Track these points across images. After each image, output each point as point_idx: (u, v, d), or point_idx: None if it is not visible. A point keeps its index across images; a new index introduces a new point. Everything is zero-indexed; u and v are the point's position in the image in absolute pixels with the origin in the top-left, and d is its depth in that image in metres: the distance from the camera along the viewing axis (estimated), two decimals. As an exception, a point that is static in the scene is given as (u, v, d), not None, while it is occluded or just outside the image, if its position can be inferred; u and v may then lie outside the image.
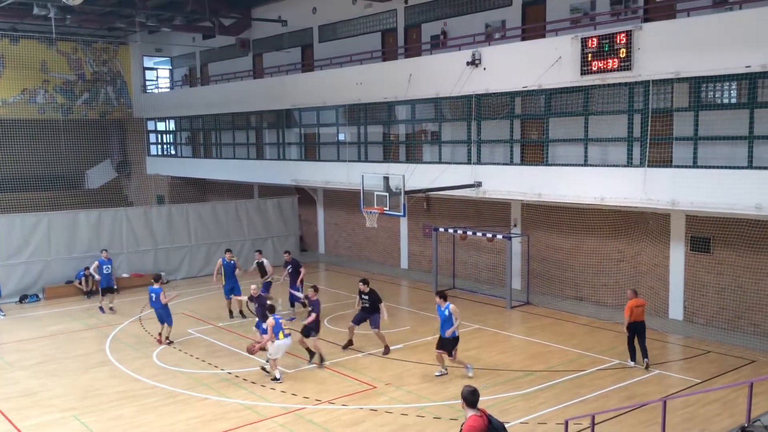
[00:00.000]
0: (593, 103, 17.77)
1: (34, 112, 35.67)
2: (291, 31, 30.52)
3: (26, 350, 17.14)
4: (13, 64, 34.79)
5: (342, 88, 24.69)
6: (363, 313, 16.57)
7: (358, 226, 27.21)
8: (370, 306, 16.38)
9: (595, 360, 15.52)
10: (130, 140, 39.54)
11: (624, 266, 19.45)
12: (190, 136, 35.87)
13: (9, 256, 22.23)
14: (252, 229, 27.59)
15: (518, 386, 13.99)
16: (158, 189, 38.37)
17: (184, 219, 26.09)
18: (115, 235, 24.39)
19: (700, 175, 15.52)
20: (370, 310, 16.40)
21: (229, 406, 13.22)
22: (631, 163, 16.90)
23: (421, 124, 23.25)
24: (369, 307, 16.41)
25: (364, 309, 16.53)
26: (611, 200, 17.36)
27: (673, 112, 16.38)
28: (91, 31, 36.26)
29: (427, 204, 24.78)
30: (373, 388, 14.05)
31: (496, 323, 18.81)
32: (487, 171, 20.04)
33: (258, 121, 30.69)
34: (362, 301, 16.51)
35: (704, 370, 14.79)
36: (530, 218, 21.61)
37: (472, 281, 23.48)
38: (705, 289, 17.81)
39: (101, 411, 13.12)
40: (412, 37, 25.20)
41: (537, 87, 18.42)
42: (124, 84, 38.75)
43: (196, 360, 16.07)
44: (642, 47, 16.19)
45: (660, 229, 18.43)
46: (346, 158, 24.92)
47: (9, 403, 13.60)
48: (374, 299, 16.37)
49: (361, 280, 16.71)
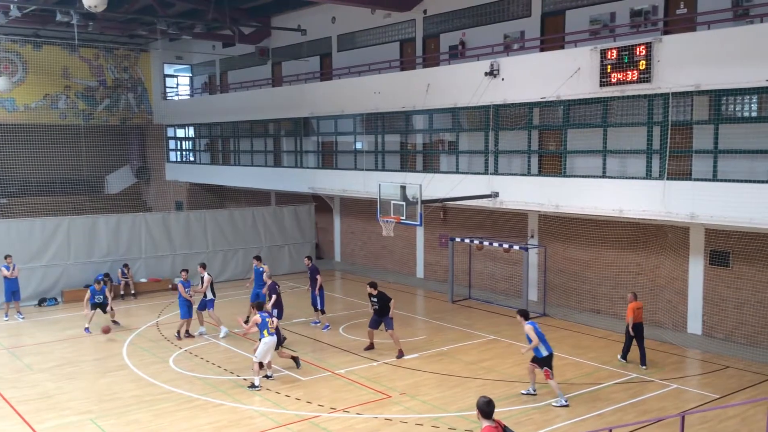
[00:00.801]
0: (612, 115, 17.71)
1: (56, 118, 36.11)
2: (310, 40, 30.70)
3: (44, 353, 17.30)
4: (35, 70, 35.26)
5: (360, 97, 24.78)
6: (376, 315, 16.89)
7: (375, 234, 27.23)
8: (381, 308, 16.72)
9: (612, 373, 15.41)
10: (149, 146, 39.89)
11: (642, 279, 19.32)
12: (208, 143, 36.14)
13: (29, 259, 22.46)
14: (268, 236, 27.71)
15: (534, 398, 13.91)
16: (177, 195, 38.65)
17: (202, 225, 26.27)
18: (134, 240, 24.61)
19: (720, 188, 15.39)
20: (382, 312, 16.73)
21: (245, 413, 13.26)
22: (650, 176, 16.81)
23: (439, 134, 23.27)
24: (380, 309, 16.74)
25: (375, 311, 16.87)
26: (630, 212, 17.26)
27: (692, 125, 16.29)
28: (113, 38, 36.67)
29: (444, 213, 24.77)
30: (387, 397, 14.04)
31: (512, 334, 18.71)
32: (505, 181, 20.01)
33: (276, 128, 30.86)
34: (372, 303, 16.88)
35: (723, 385, 14.64)
36: (547, 229, 21.54)
37: (488, 292, 23.41)
38: (724, 303, 17.65)
39: (118, 415, 13.21)
40: (430, 47, 25.26)
41: (555, 98, 18.40)
42: (145, 91, 39.13)
43: (212, 365, 16.14)
44: (662, 59, 16.13)
45: (679, 242, 18.30)
46: (363, 167, 24.98)
47: (27, 405, 13.73)
48: (383, 300, 16.70)
49: (369, 283, 17.08)
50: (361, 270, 28.28)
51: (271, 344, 14.87)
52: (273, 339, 14.87)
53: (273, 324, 15.05)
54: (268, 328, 14.78)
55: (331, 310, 21.18)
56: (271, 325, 14.93)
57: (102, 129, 37.41)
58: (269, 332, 14.79)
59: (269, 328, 14.82)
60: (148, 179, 40.46)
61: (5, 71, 34.43)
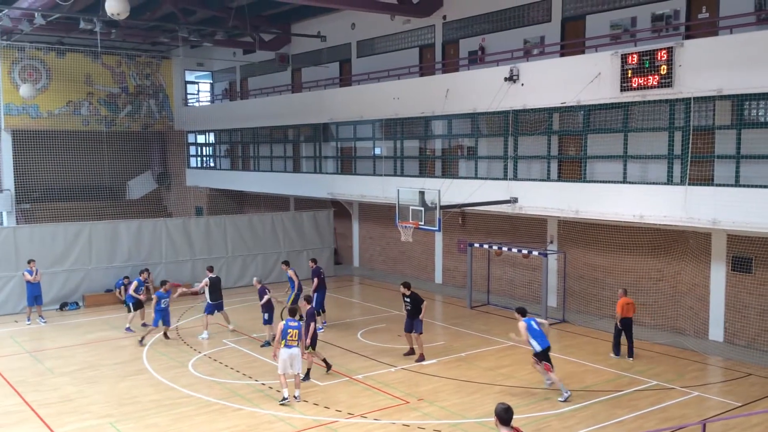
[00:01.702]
0: (633, 120, 17.58)
1: (79, 124, 36.52)
2: (330, 47, 30.83)
3: (66, 357, 17.48)
4: (59, 77, 35.70)
5: (379, 102, 24.82)
6: (408, 318, 16.86)
7: (393, 240, 27.22)
8: (413, 308, 16.68)
9: (632, 380, 15.26)
10: (170, 152, 40.25)
11: (663, 286, 19.13)
12: (228, 149, 36.39)
13: (51, 264, 22.71)
14: (287, 242, 27.80)
15: (553, 405, 13.81)
16: (197, 200, 38.94)
17: (222, 230, 26.42)
18: (155, 245, 24.80)
19: (742, 194, 15.22)
20: (413, 313, 16.71)
21: (263, 417, 13.29)
22: (672, 181, 16.66)
23: (458, 139, 23.24)
24: (412, 310, 16.72)
25: (408, 312, 16.84)
26: (651, 218, 17.11)
27: (714, 130, 16.12)
28: (135, 45, 37.10)
29: (463, 219, 24.71)
30: (405, 403, 14.00)
31: (531, 341, 18.60)
32: (524, 187, 19.92)
33: (295, 134, 30.99)
34: (405, 304, 16.89)
35: (745, 393, 14.43)
36: (567, 235, 21.41)
37: (507, 297, 23.30)
38: (746, 310, 17.42)
39: (137, 418, 13.29)
40: (449, 53, 25.26)
41: (575, 103, 18.30)
42: (166, 97, 39.48)
43: (231, 370, 16.20)
44: (683, 64, 15.99)
45: (700, 248, 18.10)
46: (382, 172, 24.99)
47: (48, 408, 13.86)
48: (416, 301, 16.66)
49: (402, 283, 17.06)
50: (380, 275, 28.26)
51: (285, 357, 13.70)
52: (287, 352, 13.69)
53: (293, 336, 13.78)
54: (286, 339, 13.72)
55: (349, 315, 21.21)
56: (291, 337, 13.74)
57: (124, 135, 37.81)
58: (286, 344, 13.74)
59: (288, 340, 13.73)
60: (169, 185, 40.80)
61: (29, 78, 34.90)
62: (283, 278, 26.27)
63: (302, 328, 13.88)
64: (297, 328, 13.87)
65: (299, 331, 13.91)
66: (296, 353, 13.79)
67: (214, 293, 19.30)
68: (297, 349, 13.83)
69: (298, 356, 13.82)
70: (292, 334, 13.76)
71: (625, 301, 16.90)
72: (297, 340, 13.80)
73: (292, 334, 13.76)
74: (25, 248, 22.21)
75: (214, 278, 19.51)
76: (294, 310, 14.48)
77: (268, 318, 18.11)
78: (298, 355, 13.83)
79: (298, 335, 13.84)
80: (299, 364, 13.94)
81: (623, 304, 16.87)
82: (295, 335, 13.79)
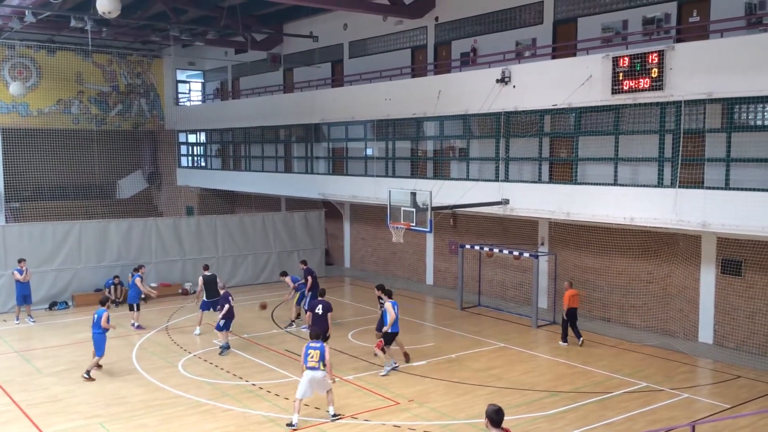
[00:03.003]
0: (624, 123, 17.64)
1: (69, 123, 36.34)
2: (322, 47, 30.80)
3: (54, 357, 17.38)
4: (49, 75, 35.52)
5: (371, 103, 24.81)
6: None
7: (384, 241, 27.21)
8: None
9: (622, 382, 15.30)
10: (161, 152, 40.12)
11: (653, 288, 19.20)
12: (219, 149, 36.28)
13: (41, 263, 22.57)
14: (278, 242, 27.74)
15: (543, 407, 13.83)
16: (188, 200, 38.82)
17: (212, 230, 26.34)
18: (145, 244, 24.69)
19: (732, 197, 15.29)
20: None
21: (253, 418, 13.25)
22: (662, 184, 16.72)
23: (450, 141, 23.24)
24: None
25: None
26: (641, 221, 17.17)
27: (705, 133, 16.20)
28: (126, 44, 36.96)
29: (454, 220, 24.72)
30: (396, 404, 13.99)
31: (522, 342, 18.65)
32: (515, 188, 19.96)
33: (287, 134, 30.93)
34: (380, 305, 17.05)
35: (734, 395, 14.50)
36: (558, 237, 21.46)
37: (498, 299, 23.33)
38: (736, 312, 17.51)
39: (126, 419, 13.23)
40: (441, 54, 25.28)
41: (567, 105, 18.35)
42: (157, 96, 39.36)
43: (221, 371, 16.15)
44: (674, 67, 16.06)
45: (690, 251, 18.18)
46: (374, 173, 24.98)
47: (36, 408, 13.78)
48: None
49: (377, 286, 17.47)
50: (371, 276, 28.24)
51: (305, 380, 12.79)
52: (310, 374, 12.76)
53: (314, 357, 12.79)
54: (306, 361, 12.83)
55: (340, 315, 21.17)
56: (312, 359, 12.79)
57: (114, 134, 37.64)
58: (307, 367, 12.79)
59: (309, 362, 12.80)
60: (160, 184, 40.65)
61: (19, 76, 34.71)
62: (273, 279, 26.37)
63: (325, 350, 12.98)
64: (319, 350, 12.89)
65: (321, 352, 12.90)
66: (319, 376, 12.83)
67: (209, 291, 19.37)
68: (320, 372, 12.84)
69: (321, 380, 12.90)
70: (313, 356, 12.82)
71: (571, 293, 18.20)
72: (319, 362, 12.83)
73: (313, 356, 12.82)
74: (14, 247, 22.08)
75: (208, 276, 19.62)
76: (317, 335, 13.48)
77: (225, 324, 17.71)
78: (321, 378, 12.88)
79: (320, 356, 12.87)
80: (325, 387, 13.07)
81: (569, 296, 18.16)
82: (317, 356, 12.81)
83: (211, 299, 19.29)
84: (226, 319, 17.75)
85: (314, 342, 13.07)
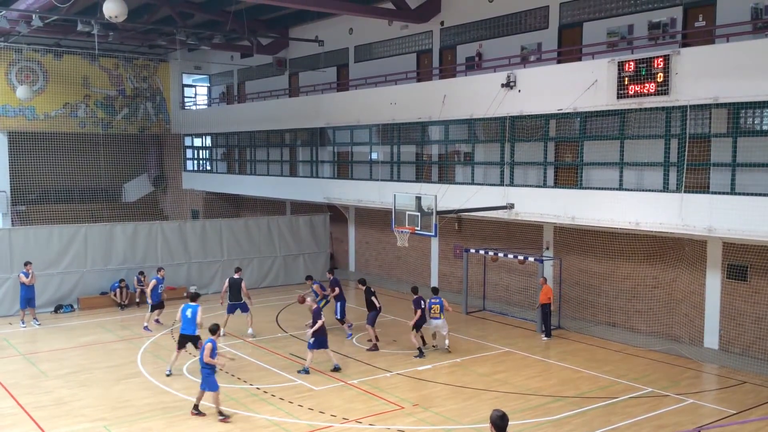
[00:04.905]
0: (629, 127, 17.63)
1: (75, 126, 36.47)
2: (327, 51, 30.86)
3: (59, 360, 17.41)
4: (56, 79, 35.68)
5: (376, 107, 24.84)
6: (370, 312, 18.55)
7: (389, 245, 27.22)
8: (366, 304, 18.63)
9: (627, 387, 15.27)
10: (167, 155, 40.23)
11: (658, 293, 19.15)
12: (225, 153, 36.36)
13: (46, 266, 22.64)
14: (283, 246, 27.78)
15: (548, 412, 13.81)
16: (193, 204, 38.89)
17: (218, 234, 26.39)
18: (150, 248, 24.75)
19: (738, 201, 15.26)
20: (368, 308, 18.58)
21: (257, 422, 13.26)
22: (668, 188, 16.69)
23: (455, 145, 23.26)
24: (367, 305, 18.64)
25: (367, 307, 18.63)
26: (646, 225, 17.14)
27: (710, 138, 16.17)
28: (133, 48, 37.08)
29: (459, 225, 24.71)
30: (400, 409, 13.98)
31: (526, 347, 18.62)
32: (520, 193, 19.95)
33: (292, 138, 30.99)
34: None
35: (739, 401, 14.45)
36: (563, 241, 21.42)
37: (503, 303, 23.30)
38: (741, 318, 17.45)
39: (131, 422, 13.25)
40: (447, 59, 25.30)
41: (572, 110, 18.34)
42: (163, 100, 39.47)
43: (225, 374, 16.15)
44: (680, 72, 16.04)
45: (696, 255, 18.13)
46: (379, 177, 25.01)
47: (41, 411, 13.81)
48: (367, 295, 18.60)
49: (359, 280, 19.23)
50: (376, 280, 28.19)
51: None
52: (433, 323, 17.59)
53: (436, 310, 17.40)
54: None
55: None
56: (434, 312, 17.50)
57: (120, 138, 37.75)
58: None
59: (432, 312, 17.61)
60: (165, 188, 40.75)
61: (26, 80, 34.87)
62: (278, 282, 26.46)
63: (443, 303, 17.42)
64: (438, 304, 17.37)
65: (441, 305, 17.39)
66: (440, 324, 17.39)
67: (232, 294, 19.74)
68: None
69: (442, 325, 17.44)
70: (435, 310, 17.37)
71: (547, 289, 19.25)
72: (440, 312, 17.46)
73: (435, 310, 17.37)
74: (20, 250, 22.15)
75: (233, 279, 19.91)
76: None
77: (315, 342, 16.34)
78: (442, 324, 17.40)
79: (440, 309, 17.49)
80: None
81: (544, 292, 19.18)
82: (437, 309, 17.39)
83: (233, 302, 19.65)
84: (316, 338, 16.14)
85: (435, 298, 17.37)
